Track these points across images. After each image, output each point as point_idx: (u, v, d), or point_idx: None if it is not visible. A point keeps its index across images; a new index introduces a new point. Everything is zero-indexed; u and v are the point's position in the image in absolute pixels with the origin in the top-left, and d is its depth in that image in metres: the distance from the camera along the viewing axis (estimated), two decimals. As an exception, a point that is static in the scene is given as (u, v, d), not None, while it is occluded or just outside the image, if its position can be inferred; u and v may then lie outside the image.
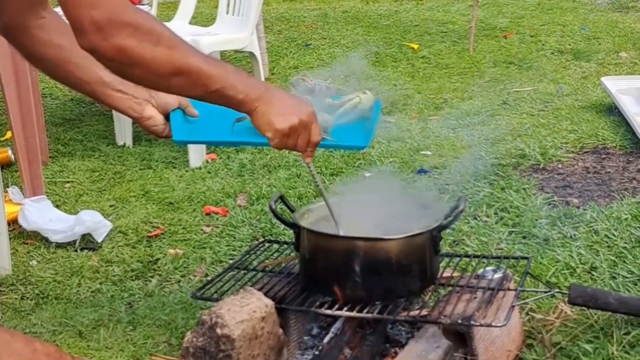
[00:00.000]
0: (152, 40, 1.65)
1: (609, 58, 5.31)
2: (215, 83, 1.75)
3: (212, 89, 1.75)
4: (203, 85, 1.75)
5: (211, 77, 1.74)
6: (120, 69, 1.69)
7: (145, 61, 1.66)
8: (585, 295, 1.99)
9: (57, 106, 4.86)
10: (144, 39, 1.64)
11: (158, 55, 1.66)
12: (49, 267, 2.83)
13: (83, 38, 1.62)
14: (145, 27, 1.64)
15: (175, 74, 1.70)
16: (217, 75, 1.75)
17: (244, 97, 1.79)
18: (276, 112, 1.82)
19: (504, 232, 2.72)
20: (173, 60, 1.68)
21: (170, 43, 1.68)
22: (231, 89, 1.77)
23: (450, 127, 4.09)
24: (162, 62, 1.67)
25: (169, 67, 1.68)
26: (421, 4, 7.21)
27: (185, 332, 2.18)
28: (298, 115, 1.83)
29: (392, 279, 1.95)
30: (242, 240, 2.93)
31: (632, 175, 3.10)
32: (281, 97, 1.85)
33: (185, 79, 1.72)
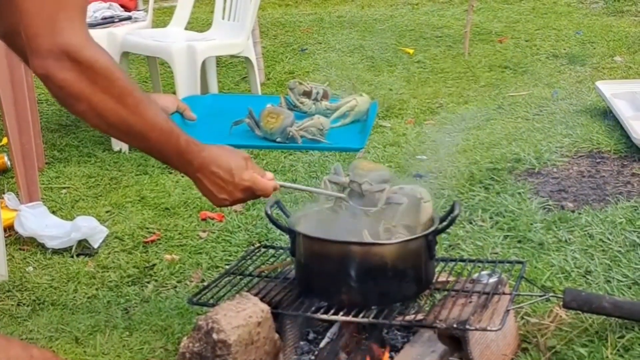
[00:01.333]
0: (104, 84, 1.63)
1: (603, 62, 5.32)
2: (151, 147, 1.78)
3: (147, 151, 1.80)
4: (139, 145, 1.79)
5: (149, 141, 1.76)
6: (66, 100, 1.66)
7: (92, 103, 1.64)
8: (579, 299, 2.00)
9: (53, 112, 4.86)
10: (96, 81, 1.62)
11: (105, 101, 1.65)
12: (45, 273, 2.83)
13: (38, 61, 1.59)
14: (102, 69, 1.63)
15: (116, 125, 1.70)
16: (155, 141, 1.76)
17: (181, 170, 1.88)
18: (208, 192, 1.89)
19: (499, 237, 2.73)
20: (117, 111, 1.67)
21: (121, 93, 1.67)
22: (168, 158, 1.82)
23: (446, 131, 4.10)
24: (106, 109, 1.66)
25: (111, 117, 1.68)
26: (416, 9, 7.22)
27: (181, 338, 2.19)
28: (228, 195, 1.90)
29: (387, 283, 1.95)
30: (238, 245, 2.93)
31: (627, 179, 3.11)
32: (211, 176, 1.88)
33: (124, 133, 1.74)
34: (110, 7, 4.69)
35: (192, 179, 1.89)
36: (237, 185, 1.90)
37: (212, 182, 1.88)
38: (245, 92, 5.20)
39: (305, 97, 2.26)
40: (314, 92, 2.26)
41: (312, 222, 2.11)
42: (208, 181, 1.88)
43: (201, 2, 7.45)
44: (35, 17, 1.58)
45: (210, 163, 1.88)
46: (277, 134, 2.10)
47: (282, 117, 2.07)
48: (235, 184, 1.90)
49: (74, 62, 1.59)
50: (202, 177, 1.87)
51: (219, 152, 1.90)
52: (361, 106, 2.27)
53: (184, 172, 1.89)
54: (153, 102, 1.81)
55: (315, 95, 2.25)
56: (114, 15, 4.61)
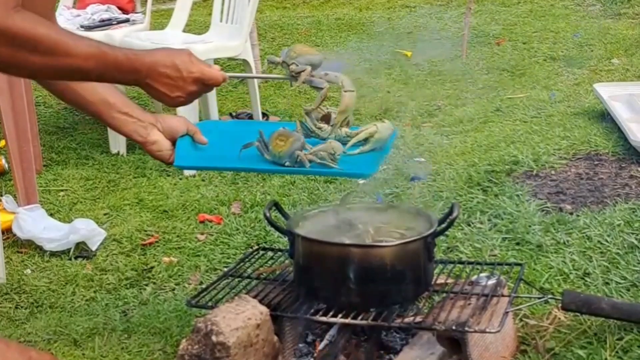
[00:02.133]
0: (29, 48, 1.68)
1: (601, 65, 5.33)
2: (94, 76, 1.82)
3: (93, 80, 1.87)
4: (83, 79, 1.85)
5: (90, 72, 1.79)
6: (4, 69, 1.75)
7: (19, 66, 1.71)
8: (578, 301, 2.00)
9: (50, 114, 4.86)
10: (21, 47, 1.67)
11: (33, 62, 1.70)
12: (43, 275, 2.83)
13: None
14: (23, 34, 1.66)
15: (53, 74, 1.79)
16: (98, 70, 1.79)
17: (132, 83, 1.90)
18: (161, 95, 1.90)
19: (497, 239, 2.73)
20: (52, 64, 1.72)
21: (49, 47, 1.70)
22: (114, 79, 1.86)
23: (444, 133, 4.10)
24: (37, 67, 1.72)
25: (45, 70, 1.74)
26: (414, 12, 7.23)
27: (180, 340, 2.19)
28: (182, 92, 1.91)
29: (386, 285, 1.95)
30: (237, 248, 2.93)
31: (625, 182, 3.11)
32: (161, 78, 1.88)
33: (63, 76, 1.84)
34: (108, 9, 4.70)
35: (143, 87, 1.90)
36: (186, 78, 1.90)
37: (162, 83, 1.89)
38: (242, 95, 5.20)
39: (324, 122, 2.14)
40: (333, 117, 2.14)
41: (311, 224, 2.11)
42: (158, 83, 1.89)
43: (199, 4, 7.46)
44: None
45: (156, 65, 1.88)
46: (285, 157, 2.00)
47: (291, 140, 2.00)
48: (184, 78, 1.90)
49: None
50: (151, 81, 1.88)
51: (161, 53, 1.91)
52: (382, 133, 2.09)
53: (135, 83, 1.90)
54: (82, 37, 1.83)
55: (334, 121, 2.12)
56: (111, 18, 4.62)
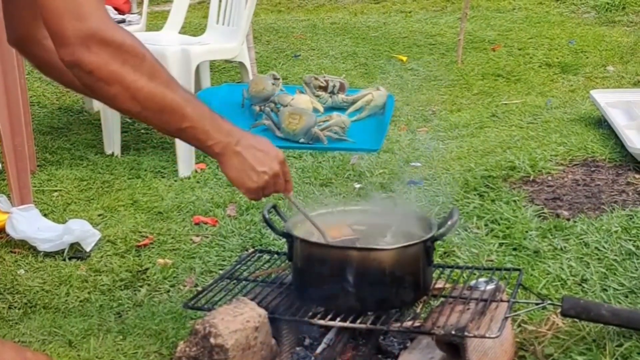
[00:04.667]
0: (135, 63, 1.62)
1: (596, 71, 5.34)
2: (187, 122, 1.72)
3: (183, 126, 1.73)
4: (175, 121, 1.72)
5: (185, 116, 1.71)
6: (97, 85, 1.64)
7: (125, 82, 1.63)
8: (578, 307, 1.99)
9: (45, 115, 4.84)
10: (127, 60, 1.61)
11: (138, 80, 1.63)
12: (37, 276, 2.81)
13: (65, 49, 1.59)
14: (130, 48, 1.62)
15: (150, 103, 1.67)
16: (192, 115, 1.72)
17: (213, 144, 1.78)
18: (247, 167, 1.81)
19: (494, 244, 2.72)
20: (151, 89, 1.65)
21: (152, 71, 1.65)
22: (203, 132, 1.75)
23: (440, 138, 4.10)
24: (139, 88, 1.64)
25: (146, 95, 1.65)
26: (409, 16, 7.23)
27: (175, 342, 2.18)
28: (269, 169, 1.83)
29: (385, 289, 1.94)
30: (232, 250, 2.92)
31: (622, 188, 3.11)
32: (251, 149, 1.81)
33: (158, 111, 1.69)
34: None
35: (229, 155, 1.79)
36: (277, 155, 1.84)
37: (253, 154, 1.81)
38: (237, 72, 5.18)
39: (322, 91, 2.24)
40: (330, 86, 2.24)
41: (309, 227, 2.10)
42: (248, 153, 1.80)
43: (194, 6, 7.45)
44: (57, 5, 1.57)
45: (248, 136, 1.81)
46: (300, 134, 2.05)
47: (305, 118, 2.04)
48: (275, 153, 1.84)
49: (102, 44, 1.58)
50: (242, 149, 1.79)
51: None
52: (377, 100, 2.24)
53: (220, 149, 1.78)
54: None
55: (331, 89, 2.23)
56: (107, 18, 4.58)
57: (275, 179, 1.86)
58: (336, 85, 2.27)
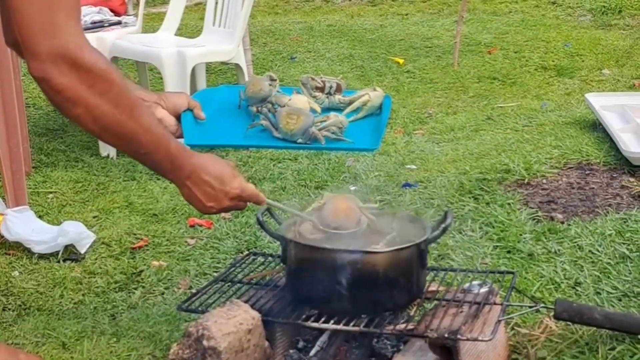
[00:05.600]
0: (102, 88, 1.63)
1: (591, 75, 5.35)
2: (143, 149, 1.77)
3: (140, 152, 1.79)
4: (132, 148, 1.78)
5: (141, 144, 1.76)
6: (63, 104, 1.65)
7: (89, 106, 1.64)
8: (571, 311, 1.99)
9: (40, 116, 4.84)
10: (94, 85, 1.62)
11: (102, 106, 1.65)
12: (31, 278, 2.81)
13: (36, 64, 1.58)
14: (100, 72, 1.62)
15: (111, 129, 1.70)
16: (148, 145, 1.77)
17: (165, 174, 1.86)
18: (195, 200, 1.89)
19: (488, 247, 2.72)
20: (114, 115, 1.67)
21: (118, 98, 1.67)
22: (155, 163, 1.82)
23: (435, 141, 4.10)
24: (102, 113, 1.66)
25: (108, 121, 1.68)
26: (406, 19, 7.24)
27: (169, 345, 2.18)
28: (216, 204, 1.90)
29: (379, 292, 1.94)
30: (227, 252, 2.92)
31: (616, 192, 3.11)
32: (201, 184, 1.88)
33: (117, 137, 1.73)
34: (100, 11, 4.68)
35: (180, 186, 1.88)
36: (227, 193, 1.90)
37: (202, 190, 1.88)
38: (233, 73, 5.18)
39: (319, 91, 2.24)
40: (327, 86, 2.24)
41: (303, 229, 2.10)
42: (197, 189, 1.87)
43: (190, 8, 7.45)
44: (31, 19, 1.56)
45: (201, 170, 1.87)
46: (298, 134, 2.06)
47: (303, 118, 2.05)
48: (226, 191, 1.90)
49: (73, 66, 1.58)
50: (191, 184, 1.87)
51: (209, 159, 1.90)
52: (374, 101, 2.24)
53: (172, 179, 1.87)
54: (146, 107, 1.81)
55: (328, 89, 2.23)
56: (103, 20, 4.60)
57: (228, 209, 1.96)
58: (333, 86, 2.27)
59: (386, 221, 2.13)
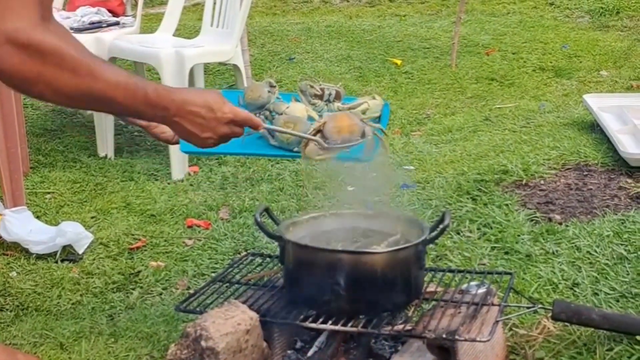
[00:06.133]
0: (55, 62, 1.61)
1: (589, 76, 5.35)
2: (119, 105, 1.72)
3: (117, 110, 1.76)
4: (108, 107, 1.75)
5: (115, 101, 1.71)
6: (22, 86, 1.64)
7: (46, 82, 1.62)
8: (569, 311, 1.99)
9: (38, 117, 4.83)
10: (46, 61, 1.59)
11: (60, 77, 1.62)
12: (29, 278, 2.81)
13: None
14: (49, 48, 1.59)
15: (79, 96, 1.67)
16: (122, 100, 1.71)
17: (151, 120, 1.83)
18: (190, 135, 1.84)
19: (486, 248, 2.73)
20: (76, 83, 1.65)
21: (74, 65, 1.63)
22: (137, 113, 1.77)
23: (433, 142, 4.10)
24: (62, 85, 1.64)
25: (72, 90, 1.65)
26: (404, 20, 7.24)
27: (167, 345, 2.18)
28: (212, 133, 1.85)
29: (376, 292, 1.94)
30: (225, 253, 2.92)
31: (614, 193, 3.12)
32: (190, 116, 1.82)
33: (88, 102, 1.71)
34: (98, 12, 4.67)
35: (170, 125, 1.83)
36: (220, 119, 1.85)
37: (192, 122, 1.82)
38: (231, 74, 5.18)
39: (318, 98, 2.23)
40: (326, 94, 2.23)
41: (301, 230, 2.10)
42: (188, 122, 1.81)
43: (188, 9, 7.44)
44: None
45: (186, 103, 1.81)
46: (294, 143, 2.04)
47: (300, 126, 2.03)
48: (218, 118, 1.84)
49: (19, 46, 1.56)
50: (180, 119, 1.81)
51: (192, 92, 1.86)
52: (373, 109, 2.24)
53: (161, 121, 1.83)
54: (110, 64, 1.78)
55: (327, 97, 2.22)
56: (101, 21, 4.59)
57: (226, 137, 1.88)
58: (332, 94, 2.26)
59: (389, 223, 2.14)
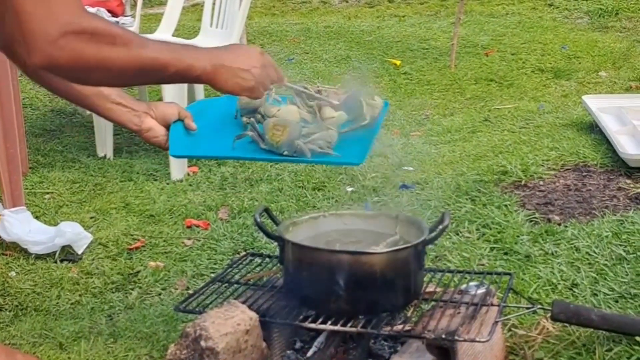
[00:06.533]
0: (109, 41, 1.65)
1: (588, 77, 5.36)
2: (170, 68, 1.77)
3: (169, 73, 1.79)
4: (160, 72, 1.78)
5: (166, 65, 1.76)
6: (78, 76, 1.69)
7: (105, 64, 1.65)
8: (568, 312, 1.99)
9: (37, 117, 4.83)
10: (101, 42, 1.63)
11: (117, 56, 1.66)
12: (28, 278, 2.81)
13: (37, 54, 1.58)
14: (101, 29, 1.64)
15: (134, 70, 1.72)
16: (172, 59, 1.77)
17: (200, 73, 1.84)
18: (236, 73, 1.87)
19: (485, 248, 2.73)
20: (131, 56, 1.69)
21: (125, 40, 1.68)
22: (187, 69, 1.80)
23: (432, 143, 4.10)
24: (121, 62, 1.68)
25: (128, 64, 1.69)
26: (403, 21, 7.25)
27: (167, 345, 2.18)
28: (256, 62, 1.90)
29: (376, 293, 1.94)
30: (224, 253, 2.91)
31: (613, 193, 3.12)
32: (230, 55, 1.88)
33: (143, 72, 1.75)
34: (98, 12, 4.68)
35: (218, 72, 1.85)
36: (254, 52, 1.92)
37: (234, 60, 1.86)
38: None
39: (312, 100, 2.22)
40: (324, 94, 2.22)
41: (301, 230, 2.10)
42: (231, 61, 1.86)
43: (187, 9, 7.45)
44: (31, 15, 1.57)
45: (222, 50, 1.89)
46: (283, 146, 2.02)
47: (289, 130, 2.02)
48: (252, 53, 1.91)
49: (77, 34, 1.59)
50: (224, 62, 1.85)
51: None
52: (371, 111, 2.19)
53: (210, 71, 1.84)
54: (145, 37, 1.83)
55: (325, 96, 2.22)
56: (101, 21, 4.58)
57: (267, 70, 1.94)
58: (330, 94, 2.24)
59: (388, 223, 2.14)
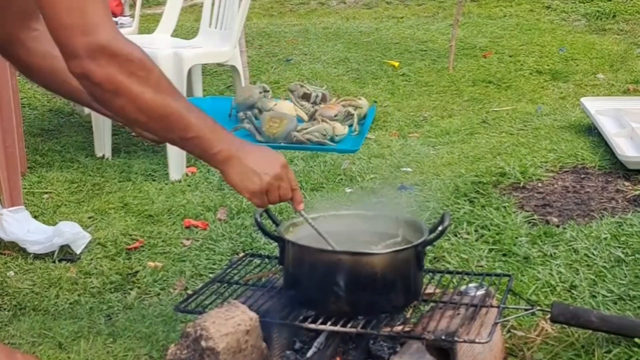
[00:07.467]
0: (142, 75, 1.65)
1: (586, 79, 5.37)
2: (192, 132, 1.75)
3: (188, 136, 1.76)
4: (180, 131, 1.75)
5: (189, 126, 1.74)
6: (104, 97, 1.67)
7: (132, 95, 1.66)
8: (567, 313, 2.00)
9: (35, 116, 4.83)
10: (134, 73, 1.64)
11: (144, 92, 1.66)
12: (26, 278, 2.80)
13: (75, 62, 1.62)
14: (137, 60, 1.65)
15: (156, 114, 1.70)
16: (196, 125, 1.75)
17: (216, 153, 1.80)
18: (248, 171, 1.83)
19: (484, 250, 2.73)
20: (157, 100, 1.68)
21: (158, 83, 1.68)
22: (207, 141, 1.78)
23: (430, 144, 4.11)
24: (146, 100, 1.67)
25: (152, 106, 1.68)
26: (401, 22, 7.25)
27: (166, 345, 2.18)
28: (270, 171, 1.85)
29: (376, 293, 1.94)
30: (222, 254, 2.91)
31: (611, 195, 3.12)
32: (251, 153, 1.85)
33: (164, 121, 1.73)
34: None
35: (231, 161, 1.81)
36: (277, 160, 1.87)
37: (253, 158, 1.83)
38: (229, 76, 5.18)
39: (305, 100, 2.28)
40: (313, 96, 2.28)
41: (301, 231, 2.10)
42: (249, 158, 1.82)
43: (186, 10, 7.45)
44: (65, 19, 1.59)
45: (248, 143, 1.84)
46: (280, 138, 2.08)
47: (286, 122, 2.06)
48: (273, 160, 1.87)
49: (111, 57, 1.61)
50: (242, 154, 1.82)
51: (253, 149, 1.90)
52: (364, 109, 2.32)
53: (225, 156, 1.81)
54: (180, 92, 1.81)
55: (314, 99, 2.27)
56: (99, 21, 4.58)
57: (279, 182, 1.87)
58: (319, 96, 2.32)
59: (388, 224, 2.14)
